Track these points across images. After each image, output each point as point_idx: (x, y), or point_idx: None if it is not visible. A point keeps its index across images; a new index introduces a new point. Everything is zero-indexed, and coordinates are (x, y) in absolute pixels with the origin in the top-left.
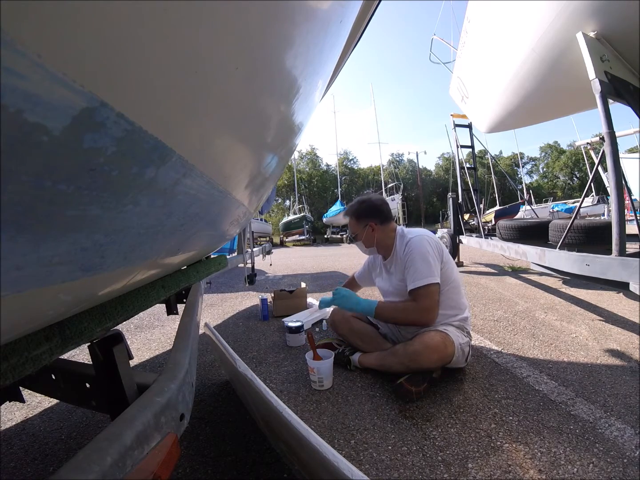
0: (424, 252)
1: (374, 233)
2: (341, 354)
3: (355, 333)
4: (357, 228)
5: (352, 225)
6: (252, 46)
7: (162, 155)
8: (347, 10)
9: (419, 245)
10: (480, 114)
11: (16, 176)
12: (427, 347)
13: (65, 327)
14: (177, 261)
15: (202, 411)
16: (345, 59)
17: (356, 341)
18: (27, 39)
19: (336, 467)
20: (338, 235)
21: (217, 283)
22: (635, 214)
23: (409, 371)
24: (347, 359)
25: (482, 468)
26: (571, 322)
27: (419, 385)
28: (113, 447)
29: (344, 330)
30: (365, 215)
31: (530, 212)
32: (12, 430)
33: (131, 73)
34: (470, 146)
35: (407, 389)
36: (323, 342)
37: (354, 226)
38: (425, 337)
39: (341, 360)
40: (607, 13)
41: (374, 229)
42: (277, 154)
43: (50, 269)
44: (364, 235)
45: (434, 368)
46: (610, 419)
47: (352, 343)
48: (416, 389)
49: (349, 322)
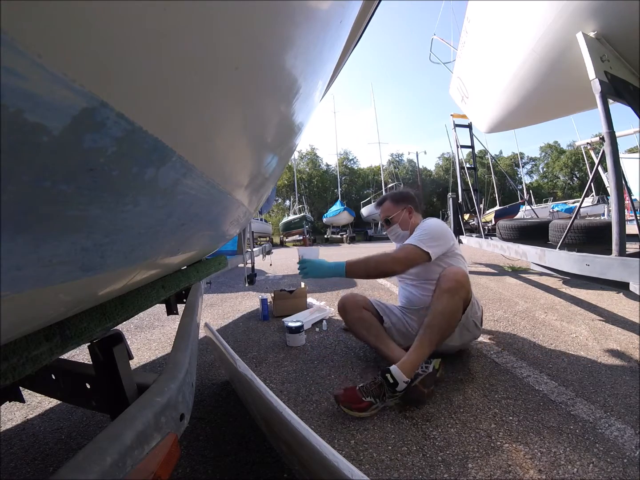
0: (433, 227)
1: (410, 216)
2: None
3: (363, 322)
4: (393, 211)
5: (388, 209)
6: (252, 46)
7: (162, 155)
8: (347, 11)
9: (434, 222)
10: (480, 114)
11: (16, 176)
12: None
13: (65, 327)
14: (177, 261)
15: (202, 411)
16: (345, 59)
17: (362, 330)
18: (27, 39)
19: (336, 467)
20: (338, 235)
21: (217, 283)
22: (635, 214)
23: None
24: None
25: (482, 468)
26: (571, 322)
27: (429, 386)
28: (113, 447)
29: (354, 316)
30: (403, 199)
31: (530, 212)
32: (12, 430)
33: (131, 73)
34: (470, 146)
35: (421, 390)
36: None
37: (390, 210)
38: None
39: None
40: (607, 13)
41: (410, 212)
42: (277, 154)
43: (50, 269)
44: (400, 218)
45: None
46: (610, 419)
47: (357, 332)
48: (427, 390)
49: (360, 310)
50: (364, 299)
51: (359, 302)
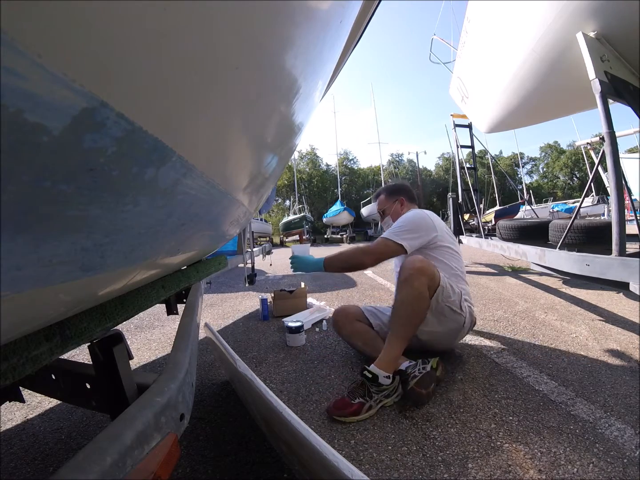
0: (410, 219)
1: (402, 208)
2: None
3: (358, 334)
4: (387, 203)
5: (382, 202)
6: (252, 46)
7: (162, 155)
8: (347, 11)
9: (412, 214)
10: (480, 114)
11: (16, 176)
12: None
13: (65, 327)
14: (177, 261)
15: (202, 411)
16: (345, 59)
17: (358, 343)
18: (27, 39)
19: (336, 467)
20: (338, 235)
21: (217, 283)
22: (635, 214)
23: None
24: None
25: (482, 468)
26: (571, 322)
27: (428, 387)
28: (113, 447)
29: (347, 331)
30: (396, 191)
31: (530, 212)
32: (12, 430)
33: (131, 73)
34: (470, 146)
35: (418, 392)
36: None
37: (383, 202)
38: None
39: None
40: (607, 13)
41: (402, 204)
42: (277, 154)
43: (50, 269)
44: (392, 209)
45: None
46: (610, 419)
47: (354, 345)
48: (426, 390)
49: (352, 323)
50: (356, 310)
51: (351, 315)
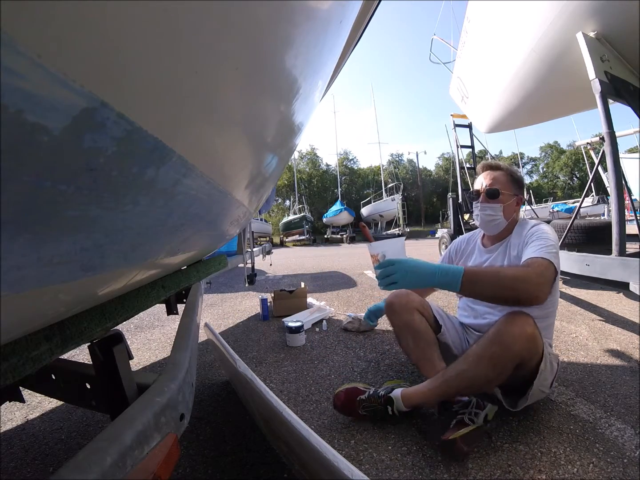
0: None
1: (517, 208)
2: (374, 395)
3: (412, 328)
4: (506, 187)
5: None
6: (252, 46)
7: (162, 155)
8: (347, 11)
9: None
10: (480, 114)
11: (16, 176)
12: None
13: (65, 327)
14: (177, 261)
15: (202, 411)
16: (345, 59)
17: (407, 338)
18: (27, 39)
19: (336, 467)
20: (338, 235)
21: (217, 283)
22: (635, 214)
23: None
24: (387, 399)
25: (482, 468)
26: (571, 322)
27: (472, 444)
28: (113, 447)
29: (403, 319)
30: (520, 185)
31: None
32: (12, 430)
33: (131, 73)
34: (470, 146)
35: (460, 447)
36: (345, 388)
37: (502, 183)
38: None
39: (376, 405)
40: (607, 13)
41: (518, 204)
42: (277, 154)
43: (50, 269)
44: (509, 202)
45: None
46: (610, 419)
47: (401, 339)
48: (468, 448)
49: (412, 313)
50: (421, 301)
51: (413, 303)
